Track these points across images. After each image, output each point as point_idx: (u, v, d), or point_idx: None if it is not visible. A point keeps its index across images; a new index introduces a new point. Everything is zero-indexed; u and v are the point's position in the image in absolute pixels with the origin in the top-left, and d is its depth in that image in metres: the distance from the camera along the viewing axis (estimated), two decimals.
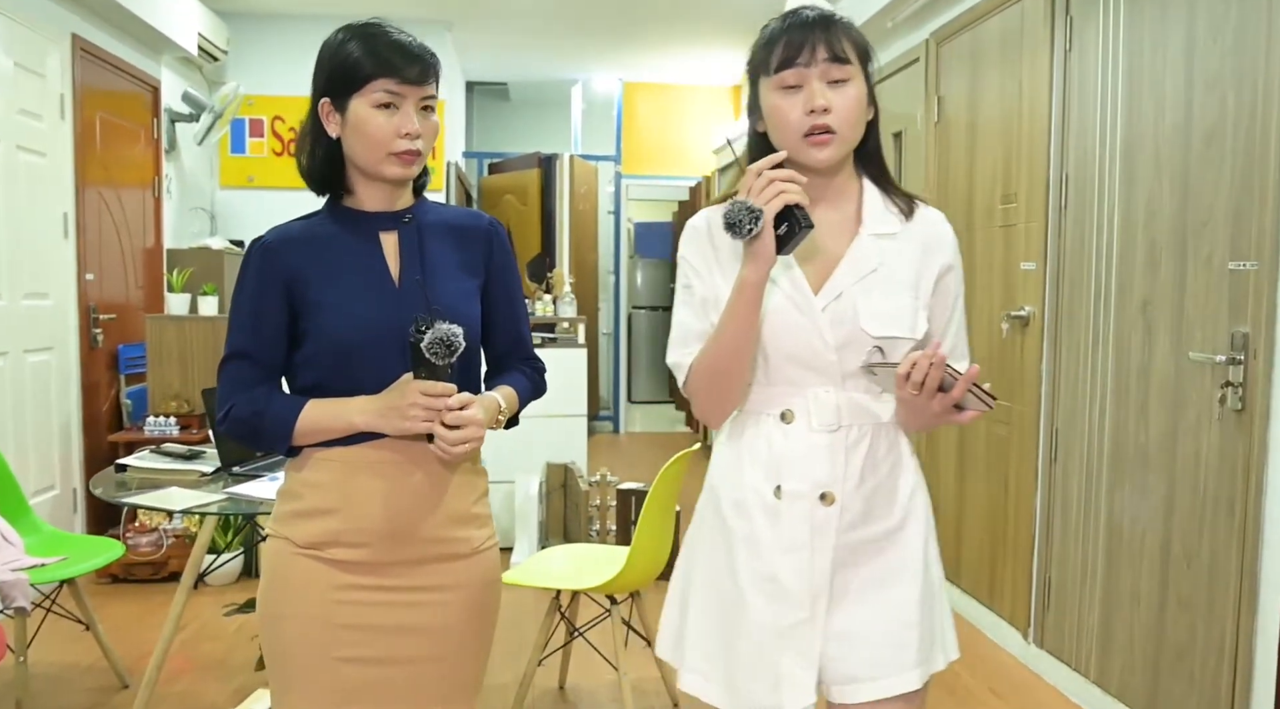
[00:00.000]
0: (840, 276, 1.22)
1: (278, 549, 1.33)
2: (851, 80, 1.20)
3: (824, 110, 1.18)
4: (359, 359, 1.30)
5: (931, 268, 1.25)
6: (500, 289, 1.43)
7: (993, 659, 2.92)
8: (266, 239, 1.34)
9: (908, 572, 1.23)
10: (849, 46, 1.20)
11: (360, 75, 1.27)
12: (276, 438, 1.31)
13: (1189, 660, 2.19)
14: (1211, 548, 2.12)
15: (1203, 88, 2.16)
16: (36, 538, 2.64)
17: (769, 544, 1.22)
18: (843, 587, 1.22)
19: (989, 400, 1.14)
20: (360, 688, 1.31)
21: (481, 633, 1.41)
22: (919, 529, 1.25)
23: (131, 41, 4.20)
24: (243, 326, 1.32)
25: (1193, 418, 2.18)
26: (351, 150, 1.31)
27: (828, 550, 1.20)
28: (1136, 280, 2.38)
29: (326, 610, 1.29)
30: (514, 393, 1.42)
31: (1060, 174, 2.70)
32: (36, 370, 3.49)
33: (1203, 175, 2.16)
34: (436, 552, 1.34)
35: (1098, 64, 2.54)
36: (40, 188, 3.52)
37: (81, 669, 2.75)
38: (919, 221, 1.26)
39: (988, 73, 3.11)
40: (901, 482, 1.24)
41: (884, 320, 1.20)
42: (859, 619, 1.21)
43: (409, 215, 1.37)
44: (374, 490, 1.30)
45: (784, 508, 1.21)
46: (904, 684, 1.20)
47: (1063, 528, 2.68)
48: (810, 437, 1.21)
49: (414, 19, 4.96)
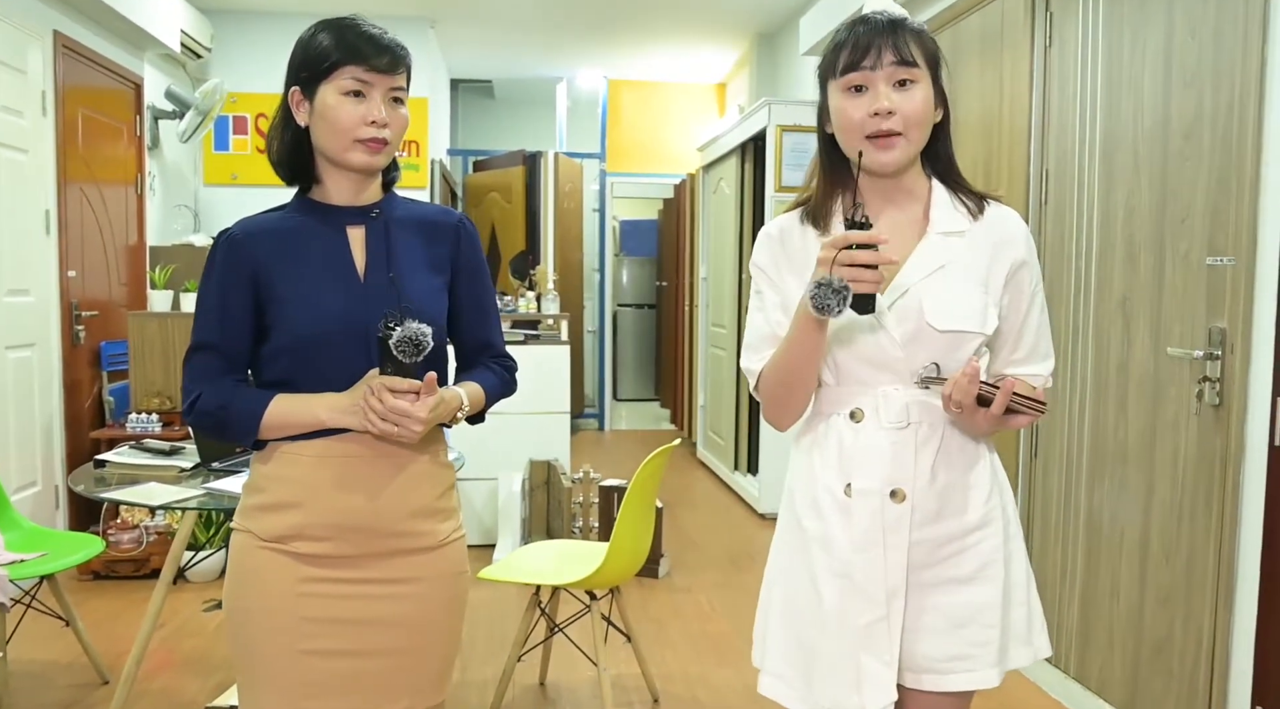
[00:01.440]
0: (907, 274, 1.23)
1: (243, 543, 1.33)
2: (918, 83, 1.20)
3: (888, 113, 1.18)
4: (324, 353, 1.29)
5: (1002, 263, 1.24)
6: (468, 286, 1.43)
7: None
8: (233, 231, 1.33)
9: (988, 571, 1.23)
10: (916, 49, 1.20)
11: (330, 62, 1.28)
12: (242, 431, 1.30)
13: (1167, 656, 2.20)
14: (1190, 544, 2.13)
15: (1181, 84, 2.17)
16: (16, 534, 2.63)
17: (842, 543, 1.23)
18: (924, 583, 1.23)
19: (1037, 406, 1.15)
20: (327, 680, 1.31)
21: (449, 625, 1.40)
22: (998, 527, 1.25)
23: (114, 38, 4.17)
24: (209, 318, 1.32)
25: (1171, 414, 2.19)
26: (319, 138, 1.30)
27: (902, 548, 1.21)
28: (1116, 276, 2.39)
29: (291, 603, 1.29)
30: (480, 390, 1.42)
31: (1040, 170, 2.70)
32: (18, 367, 3.47)
33: (1180, 172, 2.17)
34: (401, 545, 1.34)
35: (1077, 60, 2.54)
36: (21, 185, 3.49)
37: (62, 666, 2.74)
38: (989, 219, 1.26)
39: (969, 69, 3.12)
40: (977, 479, 1.24)
41: (950, 315, 1.21)
42: (941, 615, 1.23)
43: (377, 210, 1.36)
44: (338, 484, 1.30)
45: (855, 506, 1.22)
46: (981, 681, 1.23)
47: (1043, 523, 2.69)
48: (879, 434, 1.22)
49: (397, 16, 4.94)
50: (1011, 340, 1.28)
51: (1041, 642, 1.29)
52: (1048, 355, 1.29)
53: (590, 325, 7.28)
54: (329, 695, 1.31)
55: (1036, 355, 1.28)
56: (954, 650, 1.23)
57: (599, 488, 3.73)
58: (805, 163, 4.37)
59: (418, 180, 5.16)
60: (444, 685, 1.42)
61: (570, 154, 6.57)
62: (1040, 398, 1.17)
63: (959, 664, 1.23)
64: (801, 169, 4.38)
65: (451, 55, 6.02)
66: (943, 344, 1.22)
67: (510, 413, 3.93)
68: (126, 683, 2.32)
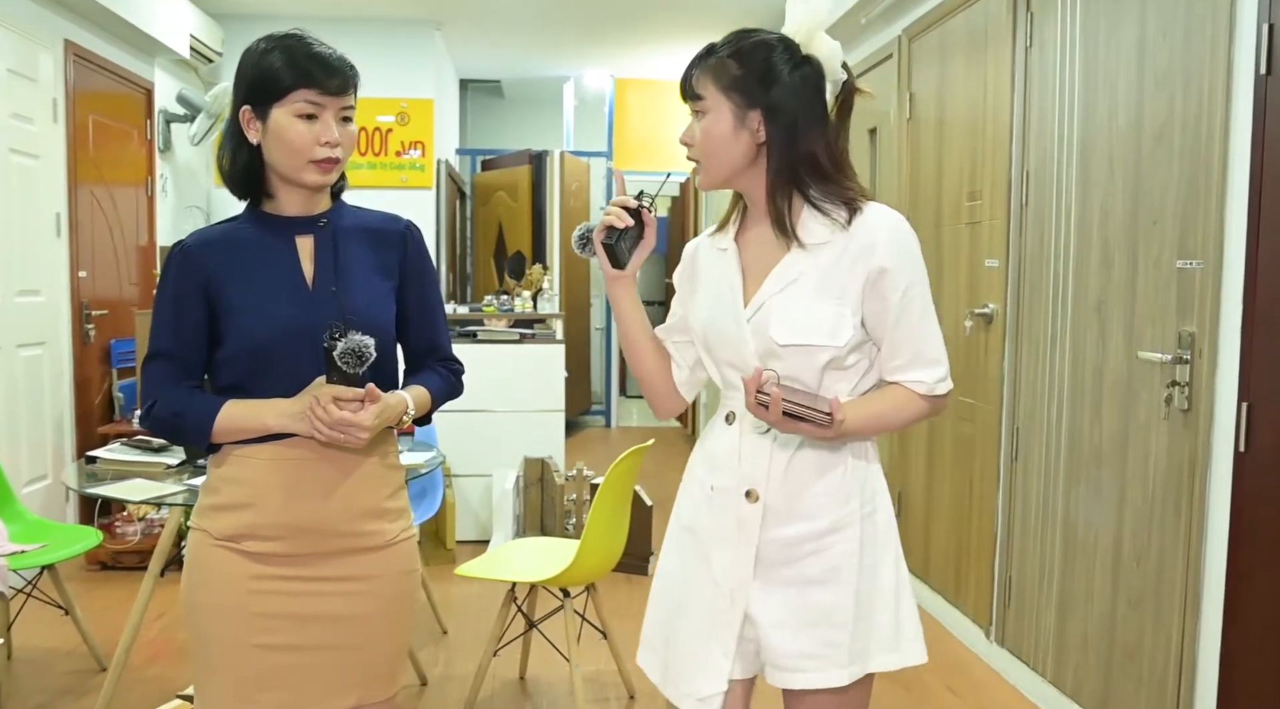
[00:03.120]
0: (765, 289, 1.29)
1: (198, 540, 1.38)
2: (706, 113, 1.27)
3: (687, 144, 1.30)
4: (273, 360, 1.34)
5: (859, 273, 1.26)
6: (415, 291, 1.48)
7: (955, 657, 2.92)
8: (186, 243, 1.38)
9: (840, 575, 1.28)
10: (706, 81, 1.27)
11: (282, 86, 1.32)
12: (196, 436, 1.36)
13: (1138, 660, 2.18)
14: (1160, 548, 2.12)
15: (1153, 85, 2.15)
16: (20, 525, 2.72)
17: (706, 535, 1.32)
18: (776, 580, 1.28)
19: (819, 417, 1.20)
20: (278, 673, 1.36)
21: (398, 622, 1.44)
22: (853, 533, 1.28)
23: (124, 45, 4.27)
24: (164, 327, 1.37)
25: (1142, 417, 2.18)
26: (272, 157, 1.35)
27: (752, 545, 1.28)
28: (1091, 279, 2.37)
29: (243, 599, 1.34)
30: (426, 393, 1.47)
31: (1021, 171, 2.69)
32: (29, 364, 3.57)
33: (1152, 174, 2.15)
34: (349, 545, 1.38)
35: (1056, 60, 2.53)
36: (32, 189, 3.59)
37: (62, 653, 2.83)
38: (858, 228, 1.26)
39: (955, 69, 3.10)
40: (831, 486, 1.28)
41: (794, 330, 1.25)
42: (793, 613, 1.28)
43: (324, 220, 1.41)
44: (286, 486, 1.34)
45: (717, 501, 1.31)
46: (829, 680, 1.27)
47: (1022, 526, 2.68)
48: (745, 437, 1.29)
49: (404, 18, 5.00)
50: (888, 348, 1.29)
51: (911, 650, 1.31)
52: (934, 363, 1.30)
53: (598, 323, 7.31)
54: (280, 688, 1.36)
55: (920, 362, 1.29)
56: (804, 649, 1.27)
57: (590, 485, 3.77)
58: None
59: (423, 180, 5.21)
60: (394, 680, 1.46)
61: (578, 153, 6.61)
62: (824, 408, 1.20)
63: (809, 663, 1.27)
64: None
65: (460, 56, 6.08)
66: (794, 356, 1.26)
67: (505, 411, 4.00)
68: (117, 669, 2.39)
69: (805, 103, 1.26)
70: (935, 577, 3.25)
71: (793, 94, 1.25)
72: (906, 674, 2.77)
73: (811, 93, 1.27)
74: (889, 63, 3.61)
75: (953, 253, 3.12)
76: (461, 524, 3.96)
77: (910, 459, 3.47)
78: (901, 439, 3.53)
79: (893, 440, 3.61)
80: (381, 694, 1.44)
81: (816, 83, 1.27)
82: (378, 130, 5.11)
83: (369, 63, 6.59)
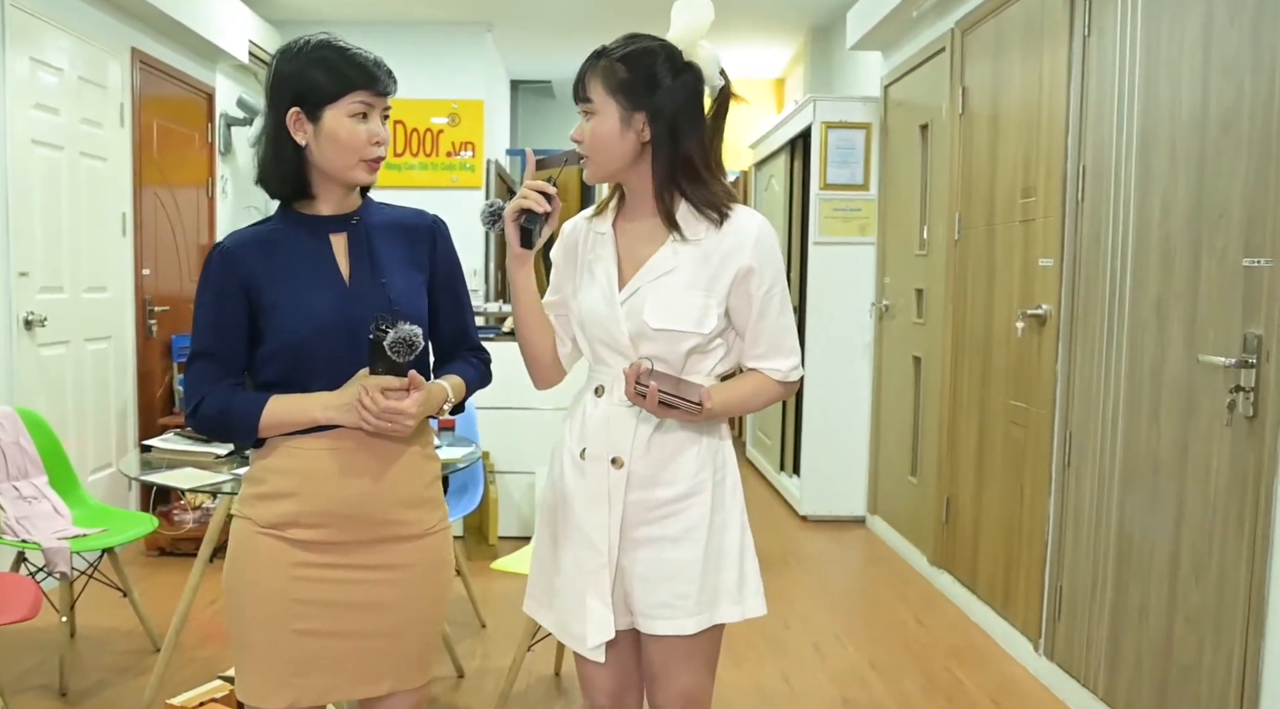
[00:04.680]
0: (641, 276, 1.42)
1: (242, 528, 1.42)
2: (595, 114, 1.40)
3: (577, 141, 1.43)
4: (313, 354, 1.38)
5: (729, 270, 1.41)
6: (444, 283, 1.52)
7: (1001, 670, 2.82)
8: (225, 244, 1.42)
9: (693, 535, 1.43)
10: (595, 83, 1.40)
11: (337, 88, 1.35)
12: (242, 432, 1.40)
13: (1195, 680, 2.07)
14: (1220, 563, 2.01)
15: (1219, 72, 2.04)
16: (83, 510, 2.84)
17: (578, 499, 1.45)
18: (638, 540, 1.43)
19: (690, 407, 1.36)
20: (315, 658, 1.39)
21: (431, 611, 1.48)
22: (705, 499, 1.44)
23: (187, 52, 4.41)
24: (207, 327, 1.40)
25: (1203, 424, 2.06)
26: (323, 157, 1.38)
27: (619, 507, 1.42)
28: (1151, 278, 2.26)
29: (285, 586, 1.38)
30: (461, 382, 1.51)
31: (1078, 166, 2.58)
32: (95, 358, 3.72)
33: (1218, 166, 2.04)
34: (389, 533, 1.41)
35: (1116, 49, 2.42)
36: (101, 190, 3.74)
37: (121, 633, 2.95)
38: (726, 229, 1.42)
39: (1010, 61, 3.00)
40: (689, 456, 1.44)
41: (666, 315, 1.39)
42: (652, 568, 1.43)
43: (356, 217, 1.45)
44: (330, 475, 1.38)
45: (587, 468, 1.44)
46: (680, 628, 1.43)
47: (1075, 535, 2.57)
48: (612, 409, 1.43)
49: (454, 20, 5.06)
50: (750, 338, 1.45)
51: (753, 604, 1.48)
52: (790, 353, 1.47)
53: None
54: (317, 673, 1.40)
55: (778, 352, 1.46)
56: (661, 600, 1.43)
57: None
58: (851, 159, 4.28)
59: (473, 180, 5.27)
60: (426, 670, 1.49)
61: None
62: (695, 399, 1.36)
63: (664, 611, 1.42)
64: (847, 166, 4.29)
65: (510, 57, 6.13)
66: (663, 339, 1.40)
67: (549, 408, 3.99)
68: (168, 650, 2.47)
69: (685, 107, 1.39)
70: (983, 586, 3.15)
71: (673, 98, 1.38)
72: (949, 685, 2.69)
73: (691, 97, 1.40)
74: (940, 57, 3.52)
75: (1005, 251, 3.01)
76: (504, 520, 3.98)
77: (960, 464, 3.36)
78: (951, 444, 3.43)
79: (941, 444, 3.51)
80: (415, 682, 1.47)
81: (696, 88, 1.41)
82: (429, 131, 5.18)
83: (420, 65, 6.74)
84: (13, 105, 3.15)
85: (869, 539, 4.24)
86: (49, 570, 2.56)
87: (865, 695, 2.61)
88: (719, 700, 2.57)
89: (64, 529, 2.69)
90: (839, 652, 2.93)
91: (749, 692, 2.63)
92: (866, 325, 4.36)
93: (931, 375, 3.67)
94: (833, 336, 4.38)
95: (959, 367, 3.38)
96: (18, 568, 2.68)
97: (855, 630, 3.11)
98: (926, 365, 3.74)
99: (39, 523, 2.69)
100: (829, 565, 3.86)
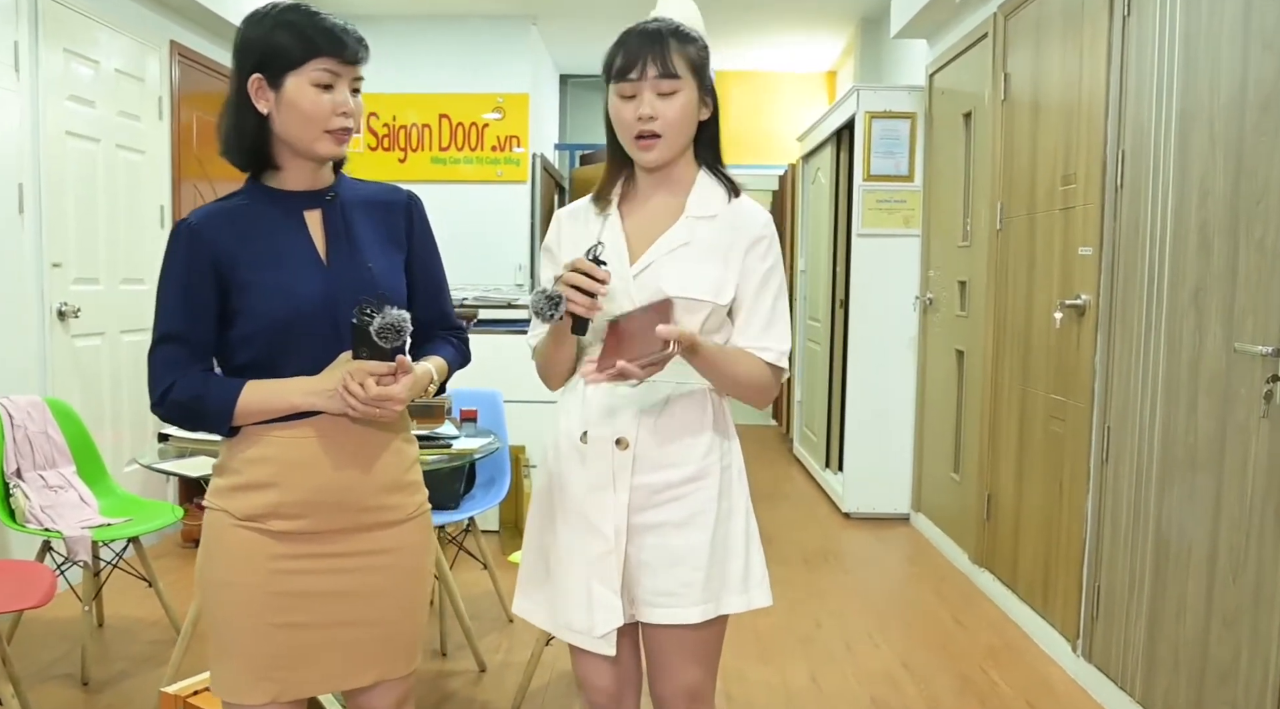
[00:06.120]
0: (654, 250, 1.40)
1: (217, 521, 1.35)
2: (679, 92, 1.36)
3: (650, 118, 1.35)
4: (292, 337, 1.31)
5: (742, 242, 1.40)
6: (422, 261, 1.46)
7: (1038, 670, 2.73)
8: (191, 220, 1.32)
9: (700, 520, 1.39)
10: (679, 61, 1.35)
11: (300, 53, 1.28)
12: (217, 420, 1.31)
13: (1232, 684, 1.98)
14: (1258, 562, 1.91)
15: (1259, 47, 1.94)
16: (111, 500, 2.87)
17: (578, 484, 1.41)
18: (643, 525, 1.39)
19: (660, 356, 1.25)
20: (297, 651, 1.35)
21: (416, 597, 1.44)
22: (712, 483, 1.41)
23: (225, 44, 4.45)
24: (174, 309, 1.31)
25: (1241, 416, 1.97)
26: (286, 127, 1.30)
27: (625, 490, 1.38)
28: (1189, 265, 2.17)
29: (265, 579, 1.32)
30: (443, 363, 1.46)
31: (1117, 150, 2.49)
32: (132, 349, 3.73)
33: (1257, 147, 1.94)
34: (372, 519, 1.37)
35: (1155, 28, 2.32)
36: (139, 183, 3.78)
37: (147, 623, 3.00)
38: (737, 207, 1.43)
39: (1051, 45, 2.90)
40: (697, 438, 1.40)
41: (684, 284, 1.36)
42: (657, 554, 1.39)
43: (332, 193, 1.38)
44: (313, 464, 1.32)
45: (589, 451, 1.40)
46: (684, 616, 1.38)
47: (1113, 533, 2.48)
48: (615, 389, 1.38)
49: (499, 14, 5.12)
50: (744, 314, 1.40)
51: (758, 594, 1.44)
52: (780, 339, 1.41)
53: None
54: (300, 666, 1.35)
55: (770, 334, 1.40)
56: (665, 587, 1.38)
57: None
58: (896, 150, 4.20)
59: (518, 174, 5.33)
60: (413, 658, 1.44)
61: None
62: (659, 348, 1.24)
63: (667, 600, 1.38)
64: (892, 157, 4.21)
65: (558, 51, 6.18)
66: (679, 309, 1.34)
67: None
68: (184, 639, 2.47)
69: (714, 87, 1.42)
70: (1023, 584, 3.06)
71: (712, 78, 1.41)
72: (983, 686, 2.62)
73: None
74: (984, 43, 3.42)
75: (1045, 241, 2.92)
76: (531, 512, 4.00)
77: (1000, 461, 3.27)
78: (992, 439, 3.34)
79: (982, 440, 3.42)
80: (401, 670, 1.43)
81: None
82: (474, 125, 5.26)
83: (465, 58, 6.78)
84: (46, 97, 3.16)
85: (912, 537, 4.15)
86: (70, 559, 2.54)
87: (894, 696, 2.57)
88: (743, 698, 2.56)
89: (89, 518, 2.67)
90: (871, 651, 2.88)
91: (775, 689, 2.60)
92: (911, 319, 4.27)
93: (973, 369, 3.58)
94: (877, 331, 4.31)
95: (1000, 360, 3.29)
96: (43, 557, 2.70)
97: (890, 629, 3.06)
98: (969, 359, 3.65)
99: (64, 512, 2.67)
100: (869, 563, 3.78)
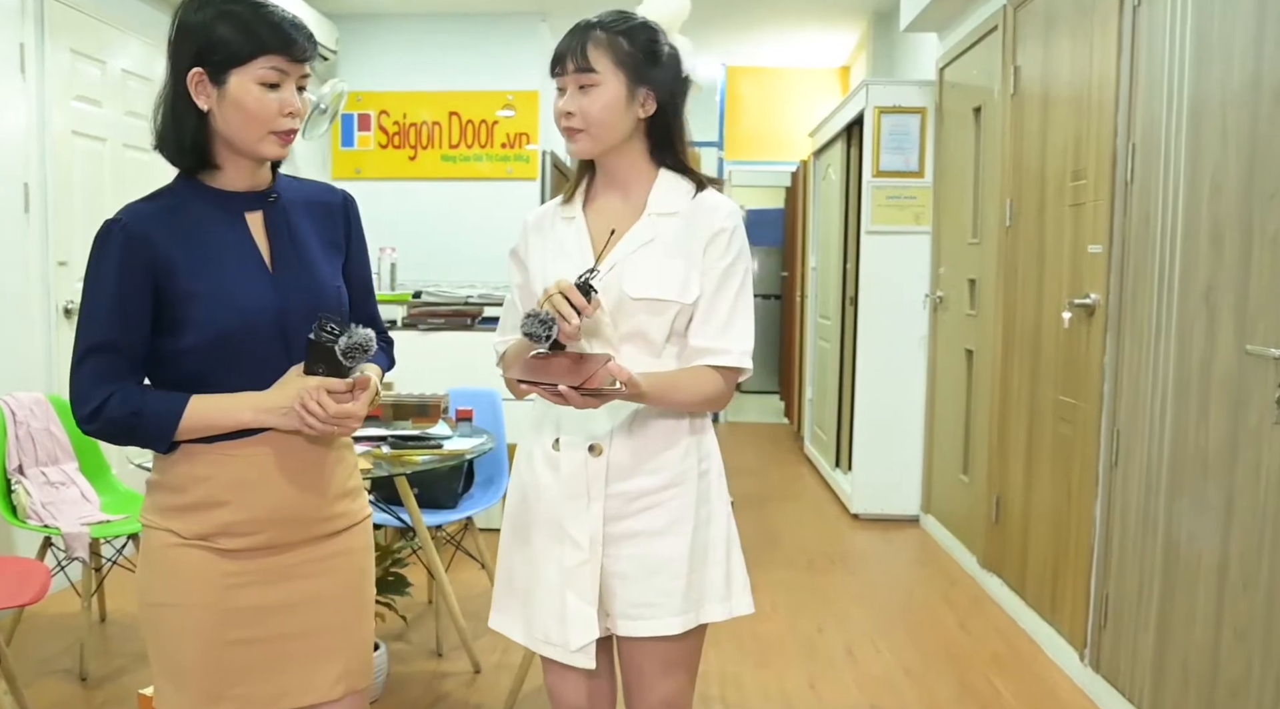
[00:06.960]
0: (617, 251, 1.37)
1: (159, 540, 1.28)
2: (598, 87, 1.34)
3: (567, 114, 1.35)
4: (236, 349, 1.24)
5: (702, 234, 1.37)
6: (358, 265, 1.41)
7: (1044, 679, 2.66)
8: (123, 220, 1.22)
9: (679, 527, 1.36)
10: (598, 55, 1.34)
11: (247, 49, 1.20)
12: (155, 436, 1.23)
13: (1243, 698, 1.91)
14: (1271, 572, 1.84)
15: (1273, 38, 1.86)
16: (112, 497, 2.90)
17: (552, 492, 1.38)
18: (618, 534, 1.36)
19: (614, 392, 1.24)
20: (252, 667, 1.30)
21: (364, 597, 1.40)
22: (689, 489, 1.38)
23: None
24: (105, 317, 1.20)
25: (1253, 421, 1.90)
26: (227, 126, 1.22)
27: (600, 498, 1.35)
28: (1200, 263, 2.09)
29: (217, 597, 1.27)
30: (380, 371, 1.41)
31: (1127, 144, 2.41)
32: None
33: (1271, 139, 1.86)
34: (324, 529, 1.34)
35: (1167, 18, 2.24)
36: (148, 182, 3.68)
37: None
38: (702, 200, 1.40)
39: (1061, 37, 2.82)
40: (672, 443, 1.38)
41: (647, 285, 1.34)
42: (634, 564, 1.36)
43: (274, 194, 1.31)
44: (266, 482, 1.27)
45: (562, 459, 1.38)
46: (665, 628, 1.35)
47: (1121, 539, 2.41)
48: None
49: (509, 11, 5.09)
50: (703, 312, 1.36)
51: (739, 602, 1.41)
52: (741, 337, 1.36)
53: None
54: (250, 682, 1.29)
55: (729, 333, 1.35)
56: (644, 598, 1.35)
57: None
58: (905, 145, 4.12)
59: (528, 171, 5.30)
60: (369, 671, 1.40)
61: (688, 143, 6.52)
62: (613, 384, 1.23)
63: (646, 611, 1.35)
64: (901, 153, 4.13)
65: None
66: (643, 311, 1.34)
67: None
68: None
69: (677, 85, 1.39)
70: (1031, 591, 2.99)
71: (670, 75, 1.38)
72: (987, 695, 2.56)
73: (680, 77, 1.40)
74: (993, 36, 3.34)
75: (1055, 239, 2.84)
76: None
77: (1009, 462, 3.20)
78: (1001, 441, 3.26)
79: (991, 441, 3.34)
80: (364, 681, 1.38)
81: (680, 66, 1.40)
82: (485, 122, 5.24)
83: (475, 56, 6.74)
84: (53, 98, 3.18)
85: (921, 539, 4.08)
86: (68, 555, 2.55)
87: (894, 703, 2.51)
88: (738, 704, 2.51)
89: (89, 515, 2.68)
90: (872, 656, 2.82)
91: (772, 696, 2.55)
92: (921, 318, 4.20)
93: (983, 369, 3.50)
94: (886, 330, 4.23)
95: (1009, 360, 3.22)
96: (44, 553, 2.70)
97: (893, 634, 2.99)
98: (978, 359, 3.57)
99: (65, 508, 2.68)
100: (875, 566, 3.72)
